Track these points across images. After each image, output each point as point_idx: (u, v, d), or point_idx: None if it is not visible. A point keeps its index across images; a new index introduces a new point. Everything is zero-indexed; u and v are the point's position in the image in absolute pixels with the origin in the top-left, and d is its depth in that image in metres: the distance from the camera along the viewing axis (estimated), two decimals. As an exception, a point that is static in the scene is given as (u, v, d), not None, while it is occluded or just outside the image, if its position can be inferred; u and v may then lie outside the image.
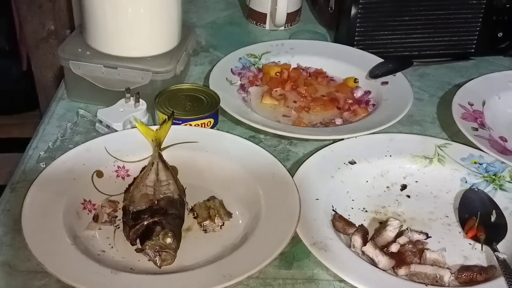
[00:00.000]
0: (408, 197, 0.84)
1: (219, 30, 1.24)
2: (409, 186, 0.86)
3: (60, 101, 0.99)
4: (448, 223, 0.81)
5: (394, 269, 0.73)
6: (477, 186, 0.84)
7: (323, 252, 0.72)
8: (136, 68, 0.93)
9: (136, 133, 0.85)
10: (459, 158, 0.87)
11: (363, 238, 0.75)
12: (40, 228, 0.71)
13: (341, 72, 1.08)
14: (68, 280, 0.65)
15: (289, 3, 1.18)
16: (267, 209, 0.76)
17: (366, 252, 0.74)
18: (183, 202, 0.78)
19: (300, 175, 0.82)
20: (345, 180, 0.84)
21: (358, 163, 0.86)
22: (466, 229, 0.79)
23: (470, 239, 0.78)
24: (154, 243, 0.71)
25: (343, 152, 0.87)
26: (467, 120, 0.95)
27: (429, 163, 0.87)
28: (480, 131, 0.93)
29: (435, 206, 0.83)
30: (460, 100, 0.99)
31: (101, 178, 0.81)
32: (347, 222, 0.77)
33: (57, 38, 1.59)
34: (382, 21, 1.12)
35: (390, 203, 0.83)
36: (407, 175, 0.87)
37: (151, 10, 0.93)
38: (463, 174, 0.86)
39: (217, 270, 0.68)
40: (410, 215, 0.82)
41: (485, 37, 1.15)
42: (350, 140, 0.90)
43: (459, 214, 0.81)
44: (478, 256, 0.76)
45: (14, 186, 0.81)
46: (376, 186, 0.85)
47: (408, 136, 0.93)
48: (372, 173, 0.86)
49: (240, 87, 1.02)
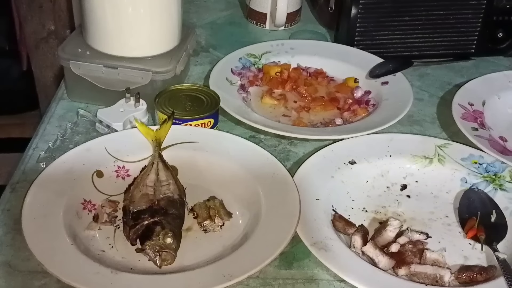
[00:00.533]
0: (408, 197, 0.84)
1: (219, 30, 1.24)
2: (409, 186, 0.86)
3: (60, 101, 0.99)
4: (448, 223, 0.81)
5: (394, 269, 0.73)
6: (477, 186, 0.84)
7: (323, 252, 0.72)
8: (136, 68, 0.93)
9: (136, 133, 0.85)
10: (459, 158, 0.87)
11: (363, 238, 0.75)
12: (40, 228, 0.71)
13: (341, 72, 1.08)
14: (68, 280, 0.65)
15: (289, 3, 1.18)
16: (267, 209, 0.76)
17: (366, 252, 0.74)
18: (183, 202, 0.78)
19: (300, 175, 0.82)
20: (345, 180, 0.84)
21: (358, 163, 0.86)
22: (466, 229, 0.79)
23: (470, 239, 0.78)
24: (154, 243, 0.71)
25: (343, 152, 0.87)
26: (467, 120, 0.95)
27: (429, 163, 0.87)
28: (480, 131, 0.93)
29: (435, 206, 0.83)
30: (460, 100, 0.99)
31: (101, 178, 0.81)
32: (347, 222, 0.77)
33: (57, 38, 1.59)
34: (382, 21, 1.12)
35: (390, 203, 0.83)
36: (407, 175, 0.87)
37: (151, 10, 0.93)
38: (463, 174, 0.86)
39: (218, 270, 0.68)
40: (410, 215, 0.82)
41: (485, 37, 1.14)
42: (350, 140, 0.90)
43: (459, 214, 0.81)
44: (478, 256, 0.76)
45: (14, 186, 0.81)
46: (376, 186, 0.85)
47: (408, 136, 0.93)
48: (372, 173, 0.86)
49: (240, 87, 1.02)
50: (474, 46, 1.16)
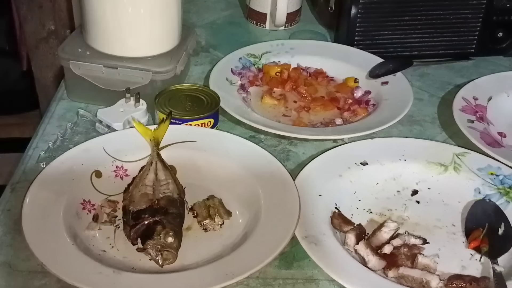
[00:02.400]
0: (417, 202, 0.83)
1: (219, 30, 1.24)
2: (421, 192, 0.84)
3: (60, 101, 0.99)
4: (453, 231, 0.79)
5: (385, 270, 0.72)
6: (490, 198, 0.83)
7: (313, 246, 0.71)
8: (136, 68, 0.93)
9: (134, 133, 0.85)
10: (475, 168, 0.86)
11: (357, 236, 0.74)
12: (41, 229, 0.71)
13: (341, 72, 1.08)
14: (71, 281, 0.65)
15: (289, 3, 1.18)
16: (266, 208, 0.76)
17: (358, 251, 0.73)
18: (183, 201, 0.78)
19: (307, 171, 0.82)
20: (354, 180, 0.83)
21: (370, 164, 0.85)
22: (470, 239, 0.77)
23: (472, 249, 0.76)
24: (156, 242, 0.71)
25: (356, 152, 0.87)
26: (466, 113, 0.95)
27: (444, 171, 0.86)
28: (475, 124, 0.93)
29: (443, 214, 0.81)
30: (465, 94, 1.00)
31: (100, 178, 0.81)
32: (345, 220, 0.77)
33: (57, 38, 1.59)
34: (382, 21, 1.12)
35: (397, 207, 0.82)
36: (420, 180, 0.85)
37: (151, 10, 0.93)
38: (478, 184, 0.84)
39: (220, 269, 0.68)
40: (415, 220, 0.80)
41: (485, 37, 1.14)
42: (365, 141, 0.89)
43: (466, 224, 0.80)
44: (477, 267, 0.74)
45: (14, 186, 0.81)
46: (386, 189, 0.84)
47: (425, 142, 0.91)
48: (384, 175, 0.85)
49: (240, 87, 1.02)
50: (474, 46, 1.16)
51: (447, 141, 0.95)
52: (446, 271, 0.73)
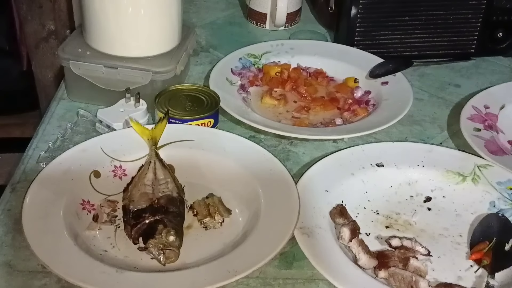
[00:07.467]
0: (428, 209, 0.82)
1: (219, 30, 1.24)
2: (434, 200, 0.83)
3: (60, 101, 0.99)
4: (458, 242, 0.78)
5: (376, 270, 0.72)
6: (504, 213, 0.81)
7: (305, 237, 0.71)
8: (136, 68, 0.93)
9: (131, 132, 0.85)
10: (495, 182, 0.83)
11: (352, 232, 0.74)
12: (41, 229, 0.71)
13: (341, 72, 1.08)
14: (74, 281, 0.65)
15: (289, 3, 1.18)
16: (266, 205, 0.76)
17: (350, 248, 0.73)
18: (183, 200, 0.78)
19: (317, 167, 0.82)
20: (366, 180, 0.83)
21: (386, 166, 0.85)
22: (473, 250, 0.75)
23: (473, 261, 0.74)
24: (157, 241, 0.71)
25: (373, 153, 0.86)
26: (474, 121, 0.94)
27: (461, 181, 0.84)
28: (482, 132, 0.92)
29: (452, 224, 0.80)
30: (475, 102, 0.98)
31: (98, 178, 0.80)
32: (342, 213, 0.77)
33: (57, 38, 1.59)
34: (382, 21, 1.12)
35: (406, 212, 0.81)
36: (436, 188, 0.84)
37: (151, 10, 0.93)
38: (494, 198, 0.82)
39: (222, 266, 0.68)
40: (422, 226, 0.79)
41: (485, 37, 1.14)
42: (385, 143, 0.89)
43: (472, 236, 0.78)
44: (473, 279, 0.72)
45: (14, 186, 0.81)
46: (399, 192, 0.83)
47: (448, 150, 0.90)
48: (399, 179, 0.84)
49: (240, 87, 1.02)
50: (474, 46, 1.16)
51: (446, 141, 0.95)
52: (441, 279, 0.72)
